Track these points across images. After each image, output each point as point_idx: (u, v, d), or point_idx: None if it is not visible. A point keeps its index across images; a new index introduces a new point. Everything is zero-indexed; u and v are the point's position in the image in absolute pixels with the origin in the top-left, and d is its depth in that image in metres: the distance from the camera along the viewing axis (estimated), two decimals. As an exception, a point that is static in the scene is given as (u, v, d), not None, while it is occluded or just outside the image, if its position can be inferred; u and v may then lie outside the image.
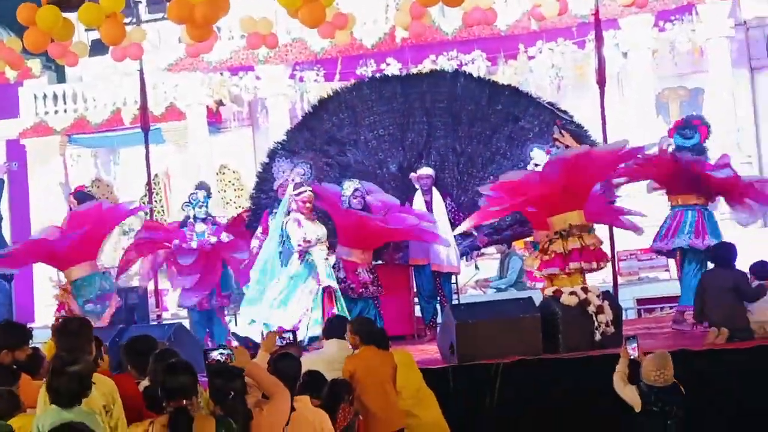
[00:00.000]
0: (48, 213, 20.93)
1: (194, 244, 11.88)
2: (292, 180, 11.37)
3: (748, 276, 9.67)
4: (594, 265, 10.11)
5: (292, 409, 6.00)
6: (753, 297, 9.49)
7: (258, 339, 9.51)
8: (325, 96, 13.32)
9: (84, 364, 5.12)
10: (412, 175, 12.17)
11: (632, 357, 7.79)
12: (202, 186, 12.55)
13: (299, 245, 10.86)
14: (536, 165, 11.24)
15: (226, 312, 12.62)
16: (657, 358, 7.62)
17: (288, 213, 11.04)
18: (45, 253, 11.60)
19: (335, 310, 10.62)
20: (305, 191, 11.00)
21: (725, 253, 9.82)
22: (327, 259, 11.05)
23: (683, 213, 11.00)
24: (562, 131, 10.48)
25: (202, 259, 11.98)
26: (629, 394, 7.62)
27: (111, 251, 17.00)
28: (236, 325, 11.84)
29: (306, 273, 10.90)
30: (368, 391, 7.68)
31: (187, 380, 5.33)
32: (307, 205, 10.95)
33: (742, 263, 10.00)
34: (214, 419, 5.30)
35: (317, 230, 10.99)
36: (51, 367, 5.11)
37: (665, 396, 7.49)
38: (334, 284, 10.91)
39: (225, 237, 12.03)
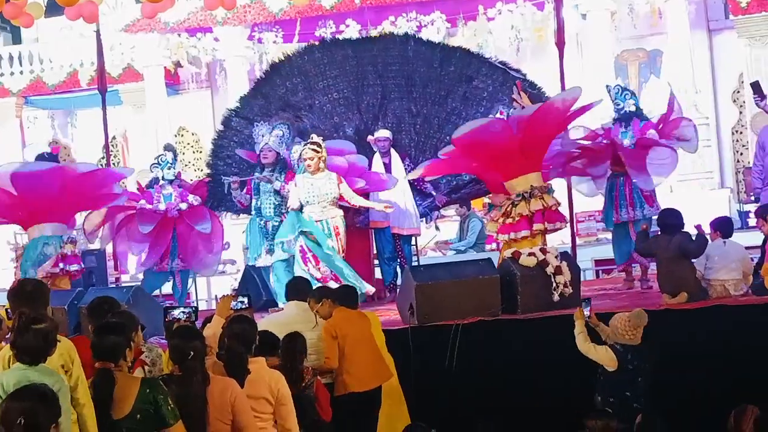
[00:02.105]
0: (4, 175, 20.67)
1: (162, 206, 11.74)
2: (268, 143, 11.36)
3: (690, 235, 9.61)
4: (557, 225, 10.23)
5: (247, 372, 5.99)
6: (696, 252, 9.34)
7: None
8: (277, 60, 13.25)
9: (49, 322, 5.09)
10: (370, 137, 12.16)
11: (587, 319, 7.90)
12: (168, 147, 12.47)
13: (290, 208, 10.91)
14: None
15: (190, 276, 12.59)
16: (634, 318, 7.75)
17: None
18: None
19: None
20: (305, 148, 10.89)
21: (672, 219, 9.78)
22: (326, 220, 10.81)
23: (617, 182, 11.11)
24: (521, 92, 10.48)
25: (158, 227, 11.83)
26: (603, 354, 7.74)
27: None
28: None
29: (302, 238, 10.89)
30: (353, 349, 7.78)
31: (111, 341, 5.30)
32: (306, 161, 10.82)
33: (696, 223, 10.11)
34: (139, 380, 5.26)
35: (319, 190, 10.81)
36: (16, 324, 5.07)
37: (639, 355, 7.66)
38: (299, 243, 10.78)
39: (193, 199, 11.87)
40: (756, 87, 11.85)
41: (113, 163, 19.27)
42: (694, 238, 9.41)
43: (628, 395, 7.66)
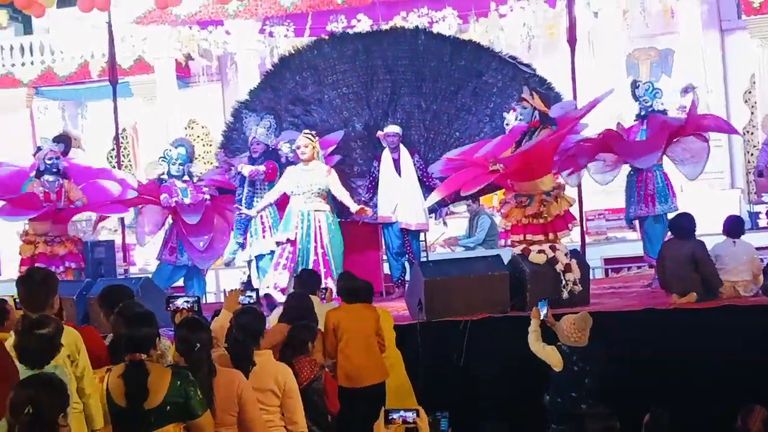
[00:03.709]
0: (14, 166, 20.70)
1: (187, 201, 11.82)
2: (256, 135, 11.35)
3: (705, 246, 9.59)
4: (573, 224, 10.25)
5: (253, 363, 5.98)
6: (705, 272, 9.38)
7: None
8: (287, 54, 13.23)
9: (53, 326, 5.07)
10: (379, 133, 12.12)
11: (542, 318, 8.02)
12: (181, 143, 12.45)
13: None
14: (507, 126, 11.28)
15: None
16: (579, 321, 7.86)
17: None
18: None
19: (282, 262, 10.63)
20: (298, 138, 10.91)
21: (685, 223, 9.78)
22: (308, 211, 10.82)
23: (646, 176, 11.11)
24: (533, 93, 10.43)
25: (208, 217, 11.95)
26: (550, 354, 7.85)
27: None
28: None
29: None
30: (352, 344, 7.80)
31: (145, 332, 5.27)
32: (299, 150, 10.84)
33: (707, 224, 10.08)
34: (170, 371, 5.25)
35: (307, 180, 10.82)
36: (20, 327, 5.06)
37: (585, 356, 7.76)
38: (281, 237, 10.80)
39: (207, 193, 11.99)
40: None
41: (123, 155, 19.28)
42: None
43: (575, 396, 7.76)
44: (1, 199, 11.87)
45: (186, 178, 12.07)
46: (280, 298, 10.18)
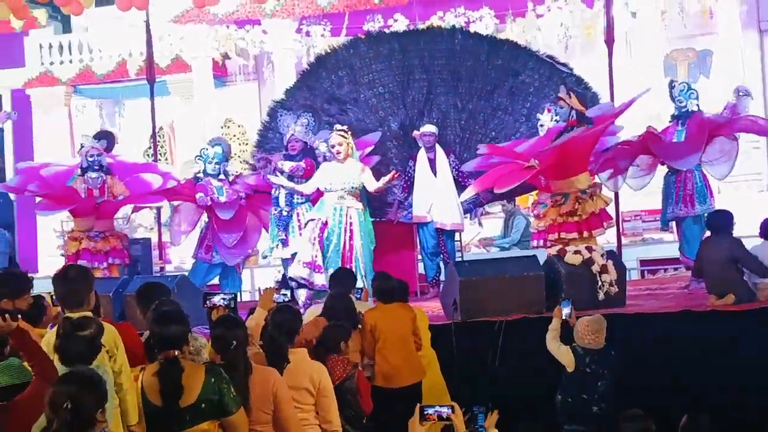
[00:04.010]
0: (52, 164, 20.87)
1: (222, 199, 11.88)
2: (294, 133, 11.33)
3: (742, 243, 9.54)
4: (608, 223, 10.21)
5: (287, 361, 5.99)
6: (751, 266, 9.34)
7: None
8: (323, 53, 13.24)
9: (95, 327, 5.09)
10: (415, 132, 12.10)
11: (564, 318, 8.02)
12: (217, 142, 12.48)
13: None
14: (541, 126, 11.24)
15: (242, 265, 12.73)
16: (593, 323, 7.86)
17: None
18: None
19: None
20: (333, 134, 10.83)
21: (722, 220, 9.72)
22: (341, 207, 10.72)
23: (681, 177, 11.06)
24: (570, 93, 10.38)
25: (241, 215, 12.00)
26: (563, 354, 7.86)
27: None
28: None
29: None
30: (389, 344, 7.80)
31: (176, 330, 5.28)
32: (334, 148, 10.77)
33: (744, 226, 10.01)
34: (204, 368, 5.27)
35: (342, 176, 10.76)
36: (61, 330, 5.08)
37: (599, 359, 7.76)
38: (315, 215, 10.72)
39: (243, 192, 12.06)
40: None
41: (160, 154, 19.37)
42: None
43: (586, 398, 7.77)
44: (40, 195, 11.97)
45: (222, 176, 12.10)
46: (300, 271, 10.20)
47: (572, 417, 7.82)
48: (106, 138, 12.29)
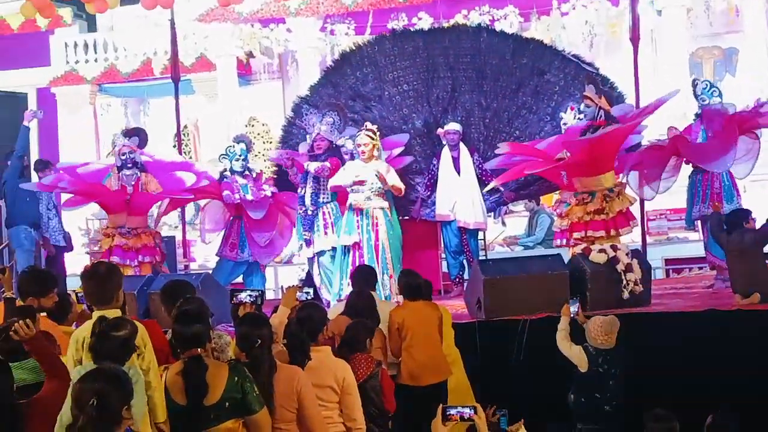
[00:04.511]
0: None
1: (249, 197, 11.91)
2: (320, 131, 11.29)
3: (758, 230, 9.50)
4: (633, 223, 10.19)
5: (309, 358, 6.00)
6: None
7: None
8: (347, 50, 13.24)
9: (129, 328, 5.11)
10: (439, 130, 12.09)
11: (573, 316, 8.05)
12: (240, 138, 12.50)
13: (330, 188, 10.87)
14: (564, 125, 11.22)
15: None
16: (606, 324, 7.82)
17: None
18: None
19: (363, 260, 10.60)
20: (360, 134, 10.74)
21: (738, 218, 9.67)
22: (368, 209, 10.65)
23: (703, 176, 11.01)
24: (599, 94, 10.32)
25: (272, 214, 12.05)
26: (576, 354, 7.84)
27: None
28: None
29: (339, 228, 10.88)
30: (416, 342, 7.80)
31: (198, 329, 5.29)
32: (361, 147, 10.66)
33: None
34: (227, 367, 5.27)
35: (362, 173, 10.61)
36: (96, 328, 5.10)
37: (612, 358, 7.74)
38: (348, 240, 10.62)
39: (268, 189, 12.08)
40: None
41: (184, 152, 19.42)
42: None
43: (598, 397, 7.77)
44: (70, 191, 12.03)
45: (246, 173, 12.14)
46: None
47: (586, 416, 7.83)
48: (138, 135, 12.30)
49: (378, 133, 10.81)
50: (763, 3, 19.30)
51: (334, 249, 11.02)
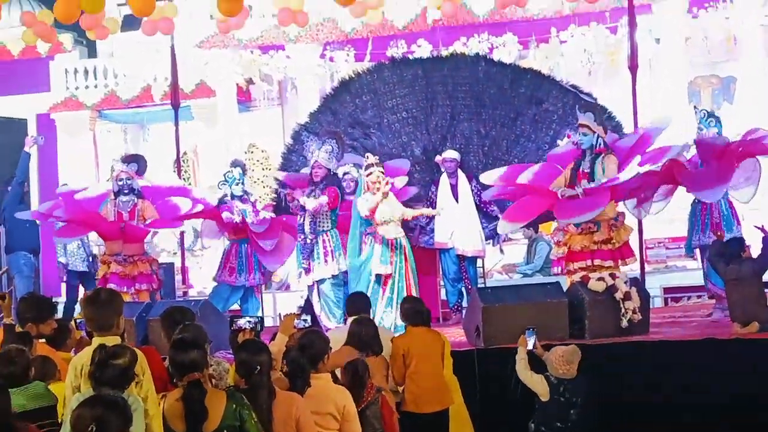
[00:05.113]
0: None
1: (250, 218, 11.93)
2: (318, 159, 11.28)
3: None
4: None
5: (308, 384, 5.99)
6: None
7: None
8: (347, 78, 13.29)
9: (129, 356, 5.11)
10: (438, 158, 12.13)
11: (529, 348, 8.01)
12: (236, 163, 12.54)
13: (366, 215, 10.81)
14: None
15: (262, 289, 12.74)
16: (568, 354, 7.82)
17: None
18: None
19: (388, 295, 10.60)
20: (372, 172, 10.77)
21: (734, 247, 9.70)
22: (391, 241, 10.75)
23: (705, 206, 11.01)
24: (598, 122, 10.32)
25: (275, 224, 12.11)
26: (537, 383, 7.84)
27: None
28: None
29: (368, 258, 10.83)
30: (421, 368, 7.80)
31: (196, 355, 5.28)
32: (376, 185, 10.72)
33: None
34: (225, 394, 5.27)
35: (385, 210, 10.74)
36: (96, 356, 5.10)
37: (573, 388, 7.73)
38: (386, 270, 10.70)
39: (264, 213, 12.11)
40: None
41: (184, 178, 19.44)
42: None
43: (560, 426, 7.74)
44: (64, 221, 11.99)
45: (244, 197, 12.15)
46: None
47: None
48: (137, 161, 12.30)
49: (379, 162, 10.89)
50: (761, 31, 19.38)
51: (334, 277, 11.04)
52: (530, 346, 8.03)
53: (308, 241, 11.21)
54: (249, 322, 6.55)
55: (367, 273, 10.73)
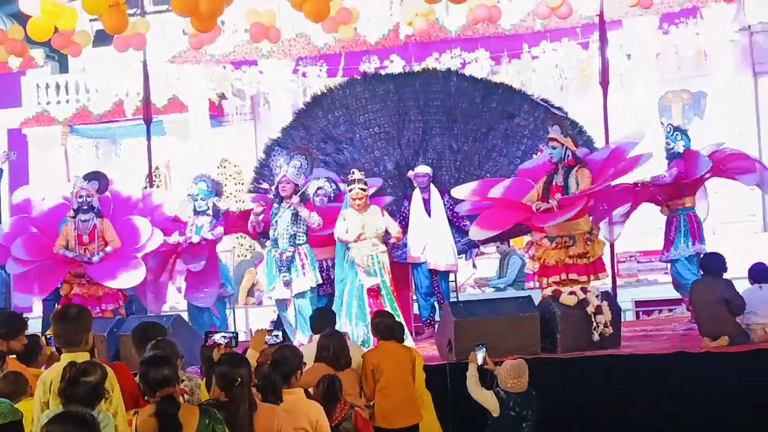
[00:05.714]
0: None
1: (195, 239, 11.83)
2: (287, 174, 11.20)
3: (734, 286, 9.61)
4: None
5: (280, 400, 5.98)
6: (737, 311, 9.45)
7: None
8: (319, 93, 13.29)
9: (99, 373, 5.08)
10: (410, 173, 12.16)
11: (480, 363, 8.04)
12: (201, 178, 12.39)
13: (338, 239, 10.82)
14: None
15: (228, 304, 12.70)
16: (515, 368, 7.87)
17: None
18: None
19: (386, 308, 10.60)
20: (353, 187, 10.76)
21: (715, 263, 9.80)
22: (376, 254, 10.76)
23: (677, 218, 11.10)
24: (565, 135, 10.37)
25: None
26: (488, 398, 7.88)
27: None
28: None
29: (352, 273, 10.81)
30: (391, 383, 7.79)
31: (168, 371, 5.26)
32: (356, 201, 10.72)
33: (739, 266, 10.04)
34: (198, 410, 5.25)
35: (369, 225, 10.74)
36: (66, 374, 5.07)
37: (523, 402, 7.78)
38: (374, 282, 10.70)
39: (209, 234, 11.91)
40: None
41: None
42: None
43: None
44: (25, 266, 11.75)
45: (209, 212, 12.02)
46: None
47: None
48: (97, 179, 12.00)
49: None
50: (731, 47, 19.52)
51: (312, 290, 10.96)
52: (480, 362, 8.04)
53: (288, 254, 11.04)
54: (224, 337, 6.56)
55: (354, 285, 10.74)
